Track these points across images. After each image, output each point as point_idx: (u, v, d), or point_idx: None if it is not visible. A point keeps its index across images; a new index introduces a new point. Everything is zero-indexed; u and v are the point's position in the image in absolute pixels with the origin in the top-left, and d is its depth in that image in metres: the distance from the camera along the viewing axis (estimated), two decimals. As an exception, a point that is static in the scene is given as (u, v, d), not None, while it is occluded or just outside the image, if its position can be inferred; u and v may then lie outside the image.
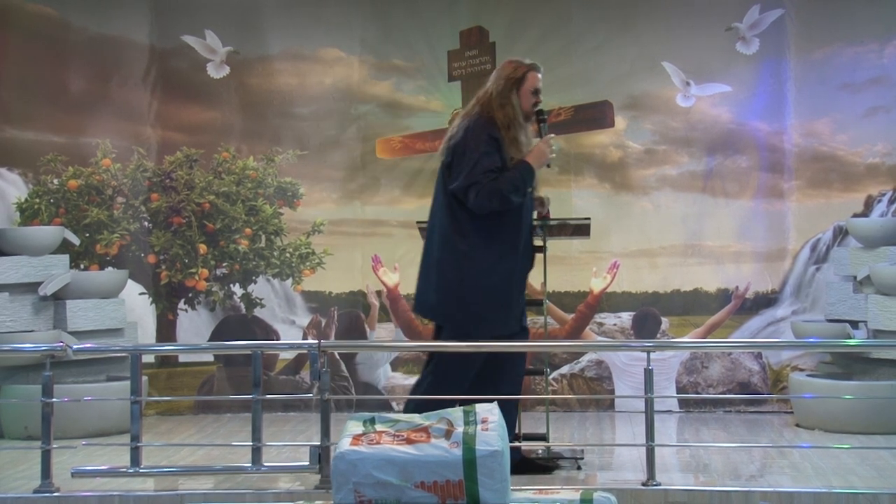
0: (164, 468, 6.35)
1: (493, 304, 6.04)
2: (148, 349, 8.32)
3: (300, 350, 8.57)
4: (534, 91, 6.23)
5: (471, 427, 4.65)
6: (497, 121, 6.11)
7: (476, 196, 5.95)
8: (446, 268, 6.04)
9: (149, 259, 9.08)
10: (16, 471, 6.56)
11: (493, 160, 6.00)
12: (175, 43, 9.12)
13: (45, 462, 5.95)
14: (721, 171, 8.92)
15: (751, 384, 8.73)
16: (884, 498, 5.62)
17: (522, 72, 6.23)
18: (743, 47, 8.85)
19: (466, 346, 6.61)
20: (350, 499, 4.48)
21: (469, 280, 5.99)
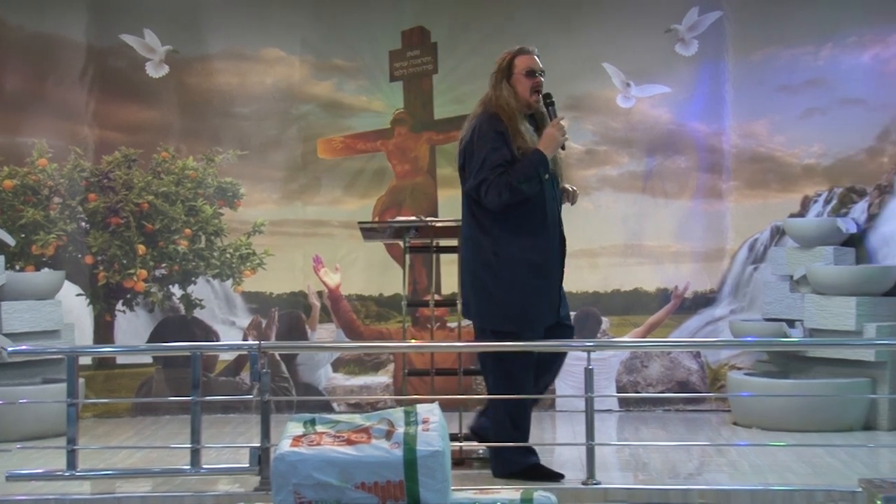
0: (101, 471, 6.29)
1: (529, 299, 6.03)
2: (85, 351, 8.24)
3: (240, 351, 8.51)
4: (526, 73, 6.19)
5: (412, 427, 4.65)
6: (499, 115, 6.08)
7: (487, 192, 5.95)
8: (477, 269, 6.06)
9: (86, 260, 8.98)
10: (-50, 475, 6.46)
11: (502, 154, 5.99)
12: (113, 42, 9.03)
13: (-20, 466, 5.87)
14: (661, 171, 8.98)
15: (689, 383, 8.80)
16: (819, 494, 5.69)
17: (508, 59, 6.24)
18: (682, 49, 8.92)
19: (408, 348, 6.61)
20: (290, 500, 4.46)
21: (500, 277, 6.00)
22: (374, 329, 9.01)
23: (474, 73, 8.99)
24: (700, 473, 6.36)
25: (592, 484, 5.87)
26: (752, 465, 6.47)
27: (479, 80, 8.89)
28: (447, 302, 7.47)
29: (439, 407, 4.95)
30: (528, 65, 6.21)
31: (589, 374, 5.98)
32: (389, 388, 8.91)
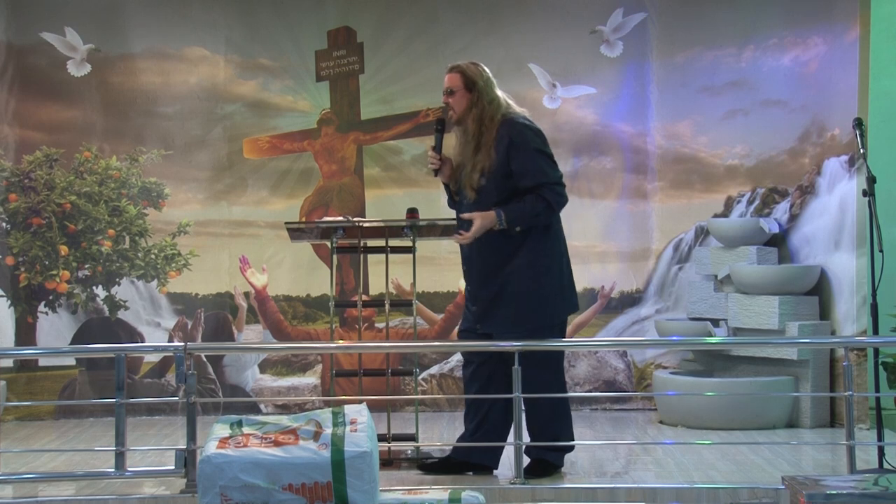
0: (23, 475, 6.20)
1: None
2: (6, 353, 8.11)
3: (166, 353, 8.42)
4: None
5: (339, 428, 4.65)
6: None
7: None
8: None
9: (7, 261, 8.84)
10: None
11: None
12: (33, 40, 8.89)
13: None
14: (586, 172, 9.03)
15: (616, 382, 8.87)
16: (743, 491, 5.77)
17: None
18: (607, 50, 8.99)
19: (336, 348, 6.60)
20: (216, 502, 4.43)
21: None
22: (301, 330, 8.97)
23: (400, 73, 9.02)
24: (627, 472, 6.41)
25: (520, 483, 5.90)
26: (677, 463, 6.54)
27: (405, 80, 9.00)
28: (375, 302, 7.46)
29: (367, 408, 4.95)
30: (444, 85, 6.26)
31: (516, 374, 6.00)
32: (317, 389, 8.87)
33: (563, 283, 6.14)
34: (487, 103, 6.04)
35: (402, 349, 8.08)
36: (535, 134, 6.03)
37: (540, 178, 5.94)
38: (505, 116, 6.04)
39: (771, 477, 6.04)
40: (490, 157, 5.97)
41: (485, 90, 6.07)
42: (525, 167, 5.93)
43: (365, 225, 6.82)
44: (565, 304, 6.20)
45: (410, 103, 9.03)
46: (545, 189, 5.95)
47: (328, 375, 7.54)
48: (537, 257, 6.03)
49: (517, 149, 5.94)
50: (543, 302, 6.07)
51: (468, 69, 6.14)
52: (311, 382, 8.94)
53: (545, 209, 5.97)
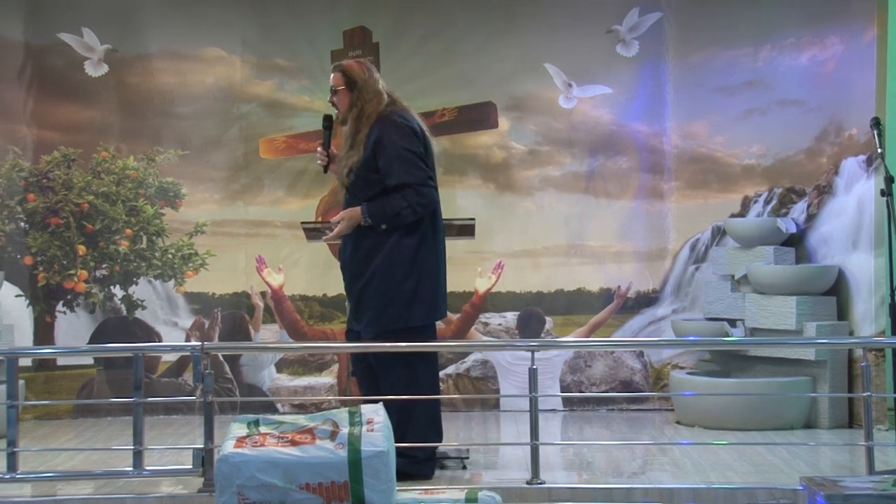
0: (42, 473, 6.23)
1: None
2: (25, 352, 8.13)
3: (183, 352, 8.44)
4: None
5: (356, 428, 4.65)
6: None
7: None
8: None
9: (25, 260, 8.87)
10: None
11: None
12: (51, 40, 8.92)
13: (-83, 470, 5.79)
14: (602, 171, 9.03)
15: (633, 382, 8.86)
16: (760, 492, 5.75)
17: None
18: (623, 50, 8.97)
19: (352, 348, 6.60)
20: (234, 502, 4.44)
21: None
22: (317, 329, 8.98)
23: (415, 73, 9.02)
24: (643, 472, 6.41)
25: (537, 483, 5.90)
26: (694, 463, 6.53)
27: (421, 80, 9.01)
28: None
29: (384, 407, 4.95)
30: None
31: (533, 374, 6.01)
32: (333, 389, 8.88)
33: (419, 288, 6.04)
34: (366, 101, 6.09)
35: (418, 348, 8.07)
36: (404, 133, 6.03)
37: (403, 178, 5.96)
38: (381, 114, 6.07)
39: (788, 478, 6.02)
40: (359, 154, 6.02)
41: (364, 88, 6.11)
42: (390, 166, 5.97)
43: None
44: (419, 311, 6.08)
45: (426, 103, 9.02)
46: (408, 189, 5.96)
47: (344, 375, 7.57)
48: (395, 260, 6.02)
49: (383, 147, 5.98)
50: (393, 305, 6.03)
51: (349, 68, 6.19)
52: (327, 382, 8.95)
53: (406, 209, 5.96)
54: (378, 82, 6.17)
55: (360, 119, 6.07)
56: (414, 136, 6.04)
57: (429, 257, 6.10)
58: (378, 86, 6.15)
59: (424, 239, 6.08)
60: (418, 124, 6.12)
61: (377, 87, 6.14)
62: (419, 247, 6.05)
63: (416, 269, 6.04)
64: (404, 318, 6.07)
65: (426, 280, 6.08)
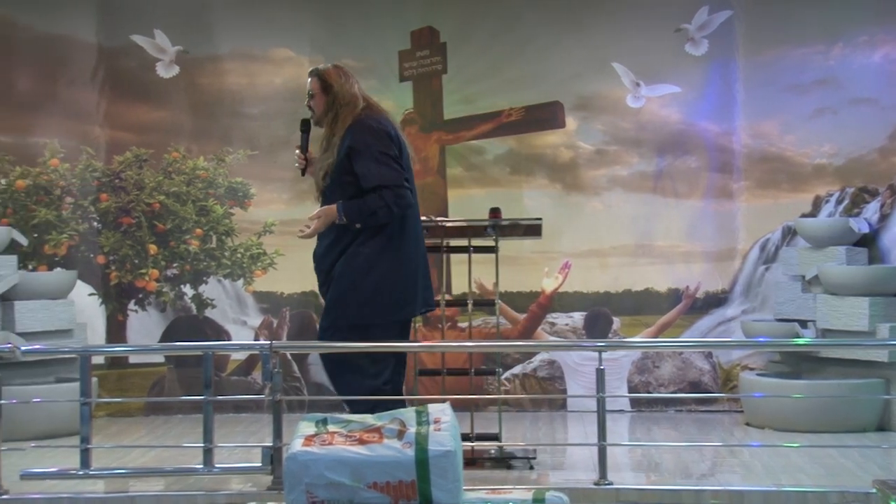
0: (114, 470, 6.30)
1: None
2: (98, 350, 8.26)
3: (252, 351, 8.52)
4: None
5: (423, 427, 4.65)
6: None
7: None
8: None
9: (98, 260, 9.00)
10: (-37, 474, 6.48)
11: None
12: (123, 42, 9.04)
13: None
14: (671, 171, 8.97)
15: (701, 383, 8.79)
16: (833, 496, 5.68)
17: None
18: (692, 48, 8.91)
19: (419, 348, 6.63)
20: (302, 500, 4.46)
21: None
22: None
23: (483, 72, 9.03)
24: (712, 474, 6.36)
25: (604, 484, 5.87)
26: (764, 465, 6.46)
27: (488, 80, 9.01)
28: (458, 302, 7.46)
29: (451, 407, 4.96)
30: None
31: (600, 375, 5.98)
32: (400, 388, 8.90)
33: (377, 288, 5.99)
34: (341, 106, 6.10)
35: (484, 349, 8.09)
36: (379, 136, 6.02)
37: (379, 180, 5.95)
38: (356, 118, 6.08)
39: (861, 481, 5.94)
40: (333, 157, 6.03)
41: (340, 93, 6.12)
42: (366, 169, 5.97)
43: (447, 224, 6.84)
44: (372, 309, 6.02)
45: (493, 103, 9.04)
46: (385, 190, 5.95)
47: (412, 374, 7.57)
48: (357, 260, 6.00)
49: (358, 152, 5.98)
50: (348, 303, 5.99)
51: (325, 73, 6.20)
52: (394, 381, 8.96)
53: (382, 208, 5.94)
54: (354, 87, 6.19)
55: (336, 123, 6.10)
56: (388, 140, 6.05)
57: (392, 258, 6.07)
58: (354, 90, 6.18)
59: (390, 240, 6.05)
60: (393, 128, 6.15)
61: (353, 91, 6.16)
62: (384, 248, 6.04)
63: (377, 269, 6.01)
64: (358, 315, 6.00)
65: (387, 280, 6.03)
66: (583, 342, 8.84)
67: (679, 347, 8.70)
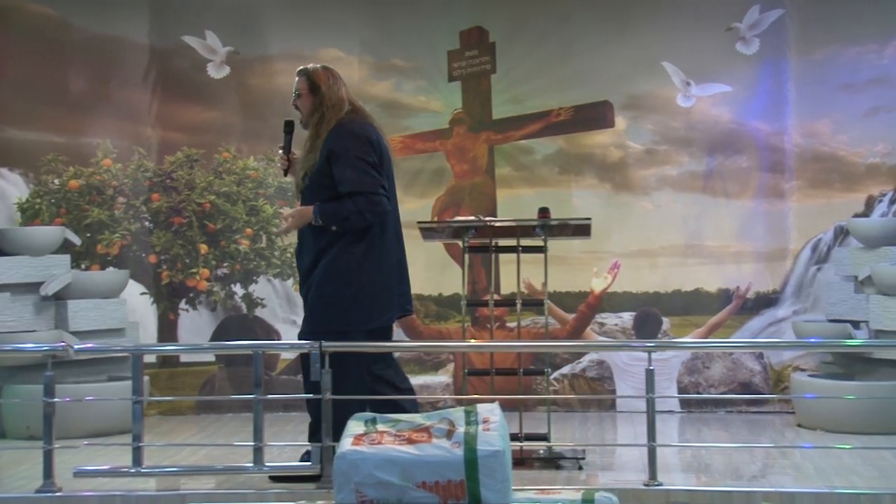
0: (165, 468, 6.34)
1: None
2: (149, 349, 8.33)
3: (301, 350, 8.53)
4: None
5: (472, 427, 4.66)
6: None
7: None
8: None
9: (150, 259, 9.08)
10: (18, 471, 6.56)
11: None
12: (175, 43, 9.12)
13: (47, 462, 5.95)
14: (721, 171, 8.92)
15: (752, 384, 8.73)
16: (886, 498, 5.62)
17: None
18: (743, 47, 8.86)
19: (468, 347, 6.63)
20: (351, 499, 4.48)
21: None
22: (433, 329, 9.03)
23: (532, 72, 9.02)
24: (764, 475, 6.31)
25: (654, 485, 5.85)
26: (816, 467, 6.40)
27: (537, 80, 9.01)
28: (506, 302, 7.47)
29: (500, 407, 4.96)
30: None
31: (650, 375, 5.96)
32: (449, 388, 8.92)
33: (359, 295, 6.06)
34: (327, 108, 6.16)
35: (533, 349, 8.07)
36: (359, 142, 6.07)
37: (355, 186, 6.02)
38: (339, 122, 6.13)
39: (914, 483, 5.89)
40: (315, 159, 6.08)
41: (327, 95, 6.19)
42: (343, 174, 6.03)
43: (496, 224, 6.84)
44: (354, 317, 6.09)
45: (542, 103, 9.02)
46: (359, 196, 6.00)
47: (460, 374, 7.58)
48: (339, 266, 6.05)
49: (336, 156, 6.04)
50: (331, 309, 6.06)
51: (313, 73, 6.28)
52: (443, 381, 8.99)
53: (356, 214, 6.00)
54: (341, 90, 6.26)
55: (321, 125, 6.16)
56: (368, 146, 6.10)
57: (373, 266, 6.14)
58: (341, 93, 6.24)
59: (371, 247, 6.12)
60: (376, 134, 6.19)
61: (340, 94, 6.23)
62: (365, 255, 6.11)
63: (358, 277, 6.08)
64: (339, 322, 6.08)
65: (367, 288, 6.10)
66: (632, 342, 8.81)
67: (730, 348, 8.65)
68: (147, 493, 5.96)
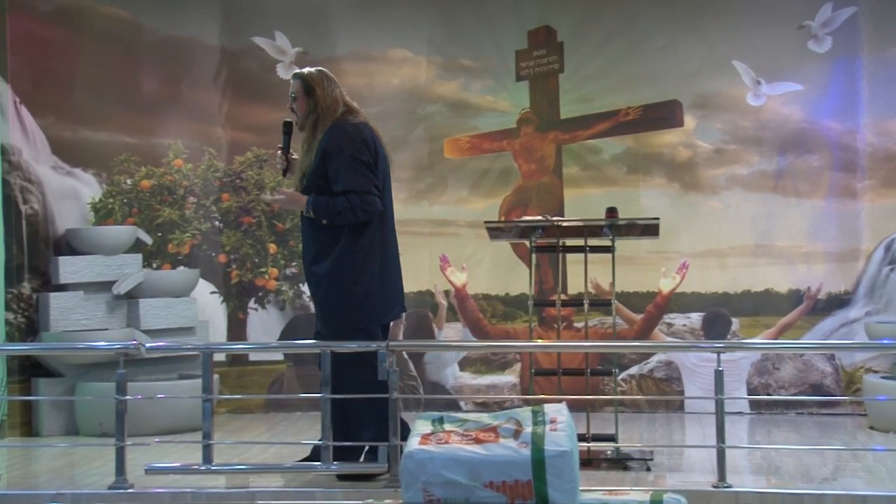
0: (235, 466, 6.41)
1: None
2: (219, 348, 8.40)
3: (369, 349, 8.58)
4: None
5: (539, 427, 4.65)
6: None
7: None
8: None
9: (219, 258, 9.17)
10: (91, 467, 6.66)
11: None
12: (245, 44, 9.20)
13: (120, 459, 6.03)
14: (792, 170, 8.83)
15: (823, 386, 8.63)
16: (960, 502, 5.53)
17: None
18: (815, 45, 8.76)
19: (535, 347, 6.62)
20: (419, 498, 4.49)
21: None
22: (500, 328, 9.03)
23: (600, 71, 8.99)
24: (835, 478, 6.24)
25: (723, 487, 5.80)
26: (889, 470, 6.32)
27: (605, 79, 8.98)
28: (574, 302, 7.45)
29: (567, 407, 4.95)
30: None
31: (719, 376, 5.91)
32: (516, 388, 8.92)
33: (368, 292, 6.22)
34: (323, 110, 6.27)
35: (601, 349, 8.04)
36: (354, 142, 6.20)
37: (349, 184, 6.14)
38: (335, 122, 6.24)
39: None
40: (311, 160, 6.19)
41: (322, 97, 6.30)
42: (338, 173, 6.15)
43: (564, 224, 6.83)
44: (365, 313, 6.25)
45: (610, 102, 8.99)
46: (352, 195, 6.12)
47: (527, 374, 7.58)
48: (345, 264, 6.17)
49: (331, 155, 6.16)
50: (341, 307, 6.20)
51: (309, 76, 6.39)
52: (510, 381, 8.99)
53: (347, 211, 6.11)
54: (336, 92, 6.37)
55: (316, 126, 6.27)
56: (363, 145, 6.22)
57: (378, 263, 6.30)
58: (335, 94, 6.35)
59: (373, 244, 6.26)
60: (371, 135, 6.29)
61: (334, 96, 6.34)
62: (369, 252, 6.25)
63: (365, 273, 6.23)
64: (352, 320, 6.24)
65: (375, 284, 6.27)
66: (701, 343, 8.74)
67: (800, 349, 8.56)
68: (217, 490, 6.02)
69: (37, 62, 8.53)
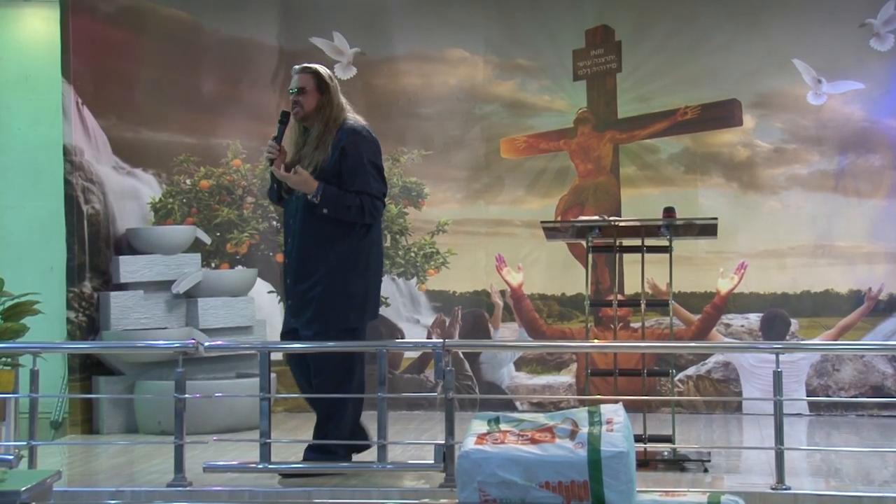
0: (292, 464, 6.44)
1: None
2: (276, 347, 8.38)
3: (425, 349, 8.62)
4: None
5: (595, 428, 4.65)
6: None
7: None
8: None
9: (277, 258, 9.22)
10: (150, 465, 6.73)
11: None
12: (303, 45, 9.24)
13: (178, 456, 6.08)
14: (853, 169, 8.74)
15: (884, 388, 8.53)
16: None
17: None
18: (877, 44, 8.66)
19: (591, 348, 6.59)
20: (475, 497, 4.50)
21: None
22: (556, 328, 9.01)
23: (658, 71, 8.94)
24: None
25: (782, 489, 5.75)
26: (951, 474, 6.23)
27: (663, 78, 8.93)
28: (630, 302, 7.42)
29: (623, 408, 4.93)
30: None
31: (777, 377, 5.86)
32: (572, 388, 8.89)
33: (366, 291, 6.27)
34: (334, 107, 6.28)
35: (658, 349, 7.99)
36: (370, 145, 6.27)
37: (363, 186, 6.18)
38: (347, 122, 6.27)
39: None
40: (325, 154, 6.18)
41: (334, 94, 6.31)
42: (354, 173, 6.17)
43: (621, 224, 6.80)
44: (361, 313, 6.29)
45: (668, 101, 8.94)
46: (365, 196, 6.17)
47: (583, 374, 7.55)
48: (348, 263, 6.18)
49: (349, 156, 6.18)
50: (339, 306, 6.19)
51: (322, 72, 6.36)
52: (566, 381, 8.97)
53: (356, 208, 6.14)
54: (339, 91, 6.40)
55: (329, 123, 6.27)
56: (379, 151, 6.34)
57: (376, 262, 6.35)
58: (339, 93, 6.39)
59: (374, 244, 6.30)
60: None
61: (340, 95, 6.39)
62: (370, 252, 6.28)
63: (365, 274, 6.26)
64: (348, 319, 6.25)
65: (373, 285, 6.33)
66: (759, 344, 8.67)
67: (860, 350, 8.47)
68: (274, 488, 6.05)
69: (99, 63, 8.64)
